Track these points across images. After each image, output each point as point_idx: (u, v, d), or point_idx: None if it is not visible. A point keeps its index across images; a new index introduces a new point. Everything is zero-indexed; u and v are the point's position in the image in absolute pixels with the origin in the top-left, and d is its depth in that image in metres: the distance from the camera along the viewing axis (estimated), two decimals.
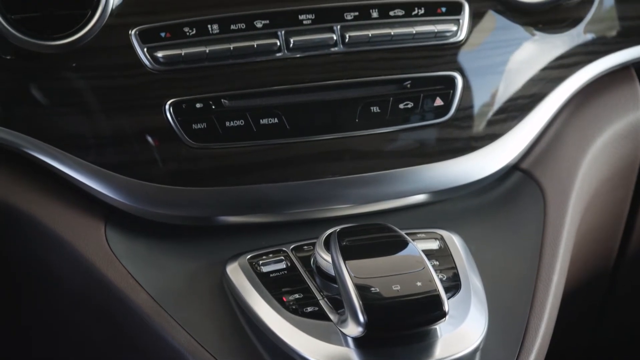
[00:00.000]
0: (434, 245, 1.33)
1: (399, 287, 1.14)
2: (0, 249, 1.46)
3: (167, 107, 1.32)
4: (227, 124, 1.33)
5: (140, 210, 1.35)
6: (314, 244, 1.27)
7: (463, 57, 1.41)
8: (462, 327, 1.20)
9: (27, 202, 1.35)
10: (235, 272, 1.29)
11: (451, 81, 1.39)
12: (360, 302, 1.12)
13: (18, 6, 1.31)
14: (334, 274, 1.19)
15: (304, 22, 1.37)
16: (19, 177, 1.36)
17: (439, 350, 1.16)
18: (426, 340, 1.16)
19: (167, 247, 1.36)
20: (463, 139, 1.40)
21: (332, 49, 1.37)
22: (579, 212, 1.44)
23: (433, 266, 1.19)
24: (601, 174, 1.52)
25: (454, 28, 1.40)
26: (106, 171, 1.33)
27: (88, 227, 1.35)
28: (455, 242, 1.33)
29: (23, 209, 1.35)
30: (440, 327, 1.16)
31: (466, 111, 1.40)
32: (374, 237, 1.23)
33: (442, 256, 1.31)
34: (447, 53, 1.40)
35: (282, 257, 1.30)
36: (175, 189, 1.34)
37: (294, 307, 1.22)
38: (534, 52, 1.44)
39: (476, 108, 1.41)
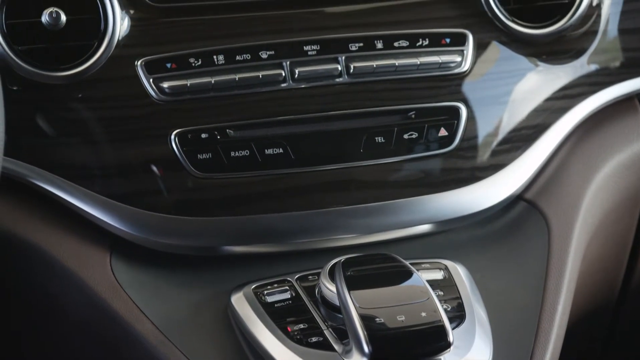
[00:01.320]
0: (438, 275, 1.33)
1: (403, 318, 1.14)
2: (5, 278, 1.46)
3: (172, 137, 1.33)
4: (232, 154, 1.33)
5: (146, 240, 1.35)
6: (318, 274, 1.27)
7: (467, 87, 1.41)
8: (467, 358, 1.20)
9: (32, 232, 1.35)
10: (240, 302, 1.29)
11: (455, 111, 1.40)
12: (365, 333, 1.12)
13: (25, 37, 1.32)
14: (338, 304, 1.19)
15: (309, 52, 1.37)
16: (25, 207, 1.37)
17: None
18: None
19: (172, 277, 1.36)
20: (467, 169, 1.40)
21: (337, 80, 1.37)
22: (583, 242, 1.44)
23: (437, 296, 1.19)
24: (605, 204, 1.52)
25: (458, 59, 1.41)
26: (112, 201, 1.34)
27: (93, 257, 1.35)
28: (460, 272, 1.33)
29: (29, 238, 1.35)
30: (445, 358, 1.16)
31: (470, 141, 1.40)
32: (379, 267, 1.24)
33: (446, 286, 1.31)
34: (451, 83, 1.41)
35: (287, 287, 1.30)
36: (180, 218, 1.34)
37: (298, 337, 1.22)
38: (538, 82, 1.45)
39: (480, 138, 1.41)
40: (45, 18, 1.31)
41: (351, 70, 1.37)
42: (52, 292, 1.40)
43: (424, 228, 1.42)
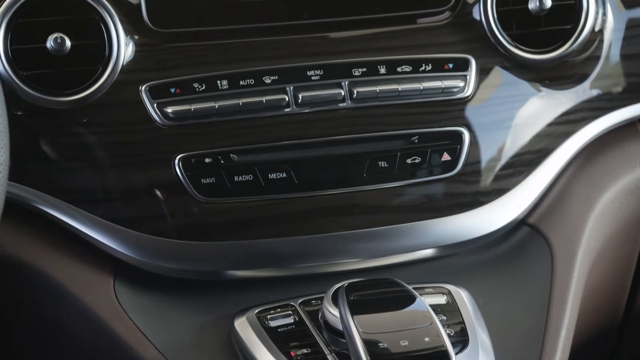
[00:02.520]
0: (441, 300, 1.33)
1: (406, 343, 1.14)
2: (9, 302, 1.46)
3: (176, 161, 1.33)
4: (236, 178, 1.34)
5: (149, 265, 1.36)
6: (321, 299, 1.27)
7: (470, 112, 1.41)
8: None
9: (36, 256, 1.36)
10: (243, 327, 1.29)
11: (458, 136, 1.40)
12: (368, 357, 1.12)
13: (30, 63, 1.32)
14: (341, 329, 1.19)
15: (313, 77, 1.38)
16: (29, 232, 1.37)
17: None
18: None
19: (175, 301, 1.37)
20: (470, 194, 1.40)
21: (340, 105, 1.38)
22: (586, 267, 1.44)
23: (441, 321, 1.19)
24: (608, 229, 1.52)
25: (461, 84, 1.41)
26: (115, 225, 1.34)
27: (97, 281, 1.35)
28: (463, 297, 1.33)
29: (32, 262, 1.35)
30: None
31: (473, 166, 1.41)
32: (382, 292, 1.24)
33: (449, 311, 1.31)
34: (454, 108, 1.41)
35: (290, 312, 1.30)
36: (183, 243, 1.34)
37: None
38: (541, 107, 1.45)
39: (483, 163, 1.41)
40: (50, 44, 1.31)
41: (354, 95, 1.37)
42: (55, 317, 1.41)
43: (427, 252, 1.42)
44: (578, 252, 1.42)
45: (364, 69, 1.39)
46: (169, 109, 1.33)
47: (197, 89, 1.35)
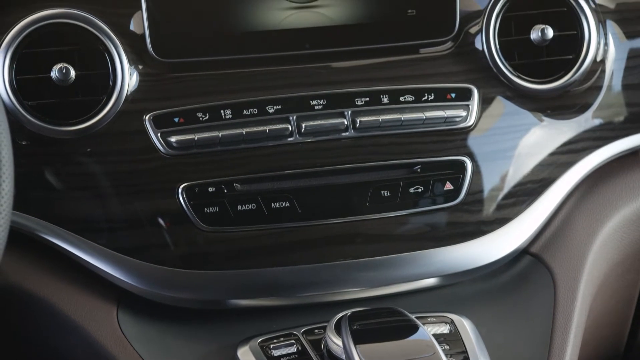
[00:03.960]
0: (444, 329, 1.33)
1: None
2: (12, 330, 1.46)
3: (180, 191, 1.33)
4: (239, 207, 1.34)
5: (152, 294, 1.36)
6: (324, 328, 1.27)
7: (473, 141, 1.42)
8: None
9: (39, 284, 1.36)
10: (246, 356, 1.29)
11: (461, 166, 1.40)
12: None
13: (34, 93, 1.33)
14: (344, 358, 1.19)
15: (316, 107, 1.38)
16: (33, 260, 1.37)
17: None
18: None
19: (178, 330, 1.37)
20: (473, 223, 1.41)
21: (343, 134, 1.38)
22: (589, 296, 1.44)
23: (443, 350, 1.19)
24: (611, 258, 1.52)
25: (464, 113, 1.41)
26: (118, 254, 1.34)
27: (100, 310, 1.35)
28: (466, 326, 1.33)
29: (36, 291, 1.36)
30: None
31: (476, 195, 1.41)
32: (385, 321, 1.24)
33: (452, 340, 1.31)
34: (457, 138, 1.41)
35: (293, 341, 1.30)
36: (187, 272, 1.34)
37: None
38: (543, 137, 1.45)
39: (486, 192, 1.41)
40: (55, 74, 1.32)
41: (357, 125, 1.38)
42: (58, 345, 1.41)
43: (430, 281, 1.42)
44: (581, 281, 1.42)
45: (367, 99, 1.39)
46: (173, 139, 1.34)
47: (201, 119, 1.35)
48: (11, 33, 1.32)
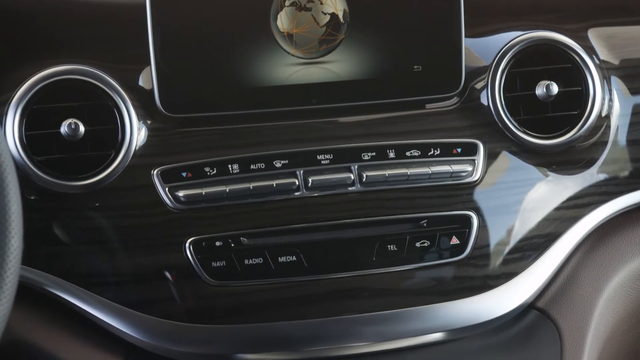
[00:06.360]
0: None
1: None
2: None
3: (187, 245, 1.34)
4: (246, 261, 1.34)
5: (159, 348, 1.36)
6: None
7: (478, 196, 1.42)
8: None
9: (45, 339, 1.36)
10: None
11: (467, 220, 1.41)
12: None
13: (43, 148, 1.33)
14: None
15: (322, 162, 1.39)
16: (39, 315, 1.37)
17: None
18: None
19: None
20: (479, 278, 1.41)
21: (350, 188, 1.38)
22: (595, 351, 1.44)
23: None
24: (617, 313, 1.51)
25: (470, 168, 1.42)
26: (125, 308, 1.34)
27: None
28: None
29: (43, 346, 1.35)
30: None
31: (482, 250, 1.41)
32: None
33: None
34: (462, 192, 1.42)
35: None
36: (193, 326, 1.34)
37: None
38: (548, 192, 1.46)
39: (492, 247, 1.42)
40: (64, 129, 1.32)
41: (364, 179, 1.38)
42: None
43: (436, 336, 1.42)
44: (587, 336, 1.41)
45: (373, 153, 1.40)
46: (181, 193, 1.34)
47: (209, 173, 1.36)
48: (21, 89, 1.33)
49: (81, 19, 1.43)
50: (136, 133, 1.36)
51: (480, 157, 1.43)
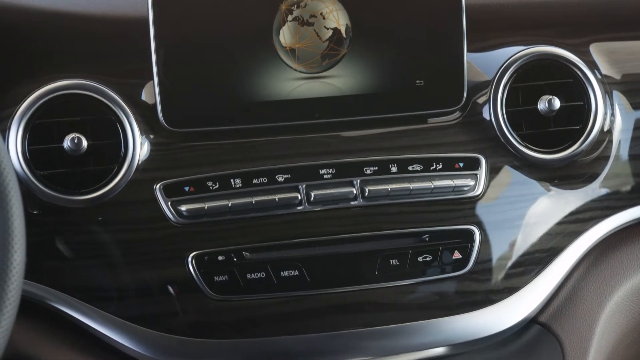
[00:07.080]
0: None
1: None
2: None
3: (189, 259, 1.34)
4: (249, 276, 1.34)
5: None
6: None
7: (481, 211, 1.42)
8: None
9: (49, 354, 1.35)
10: None
11: (469, 235, 1.41)
12: None
13: (46, 162, 1.34)
14: None
15: (325, 176, 1.39)
16: (42, 330, 1.37)
17: None
18: None
19: None
20: (481, 292, 1.41)
21: (352, 203, 1.38)
22: None
23: None
24: (619, 328, 1.51)
25: (472, 182, 1.42)
26: (127, 323, 1.34)
27: None
28: None
29: None
30: None
31: (484, 264, 1.41)
32: None
33: None
34: (465, 207, 1.42)
35: None
36: (196, 341, 1.34)
37: None
38: (550, 207, 1.46)
39: (494, 261, 1.42)
40: (67, 144, 1.32)
41: (366, 194, 1.38)
42: None
43: (439, 351, 1.42)
44: (590, 351, 1.41)
45: (376, 168, 1.40)
46: (183, 208, 1.34)
47: (211, 188, 1.36)
48: (24, 104, 1.33)
49: (84, 34, 1.43)
50: (139, 147, 1.36)
51: (483, 172, 1.43)
